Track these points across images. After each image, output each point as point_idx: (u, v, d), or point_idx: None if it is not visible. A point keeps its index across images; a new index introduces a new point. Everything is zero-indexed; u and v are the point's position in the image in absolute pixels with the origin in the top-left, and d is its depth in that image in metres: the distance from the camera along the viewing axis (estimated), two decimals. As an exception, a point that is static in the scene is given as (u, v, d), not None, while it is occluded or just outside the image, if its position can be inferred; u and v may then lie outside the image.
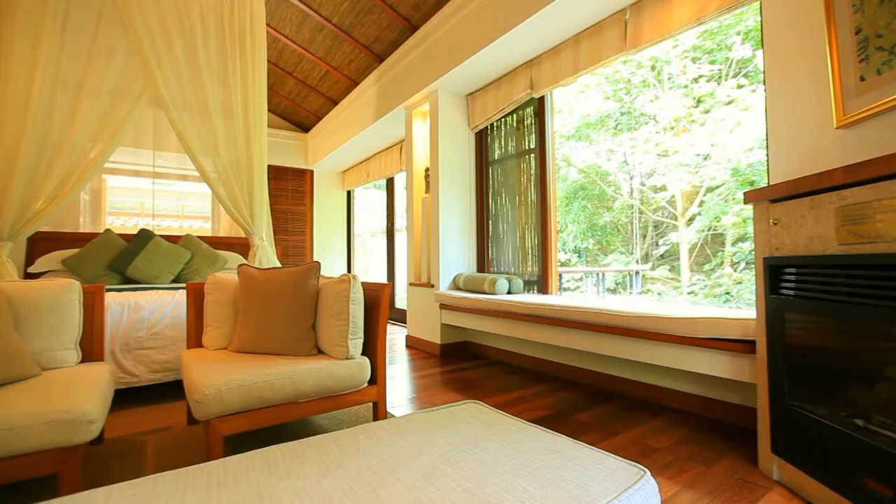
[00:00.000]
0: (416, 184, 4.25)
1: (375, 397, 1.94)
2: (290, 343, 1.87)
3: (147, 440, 1.96)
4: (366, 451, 1.03)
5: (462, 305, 3.50)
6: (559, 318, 2.67)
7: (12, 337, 1.58)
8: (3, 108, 2.64)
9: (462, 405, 1.37)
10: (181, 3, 3.18)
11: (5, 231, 2.68)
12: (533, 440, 1.12)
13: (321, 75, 5.17)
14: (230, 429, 1.57)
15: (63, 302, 1.84)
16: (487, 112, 3.80)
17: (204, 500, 0.83)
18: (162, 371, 2.57)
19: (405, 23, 3.87)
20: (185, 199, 6.70)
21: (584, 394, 2.67)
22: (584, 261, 7.12)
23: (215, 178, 3.41)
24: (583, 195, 7.08)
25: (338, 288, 1.85)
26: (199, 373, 1.61)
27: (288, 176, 6.47)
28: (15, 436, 1.23)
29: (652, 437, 1.99)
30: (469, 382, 2.95)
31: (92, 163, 3.01)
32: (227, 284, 2.13)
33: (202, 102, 3.31)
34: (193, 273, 3.81)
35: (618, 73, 6.07)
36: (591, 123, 6.64)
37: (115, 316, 2.50)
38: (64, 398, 1.35)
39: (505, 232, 3.91)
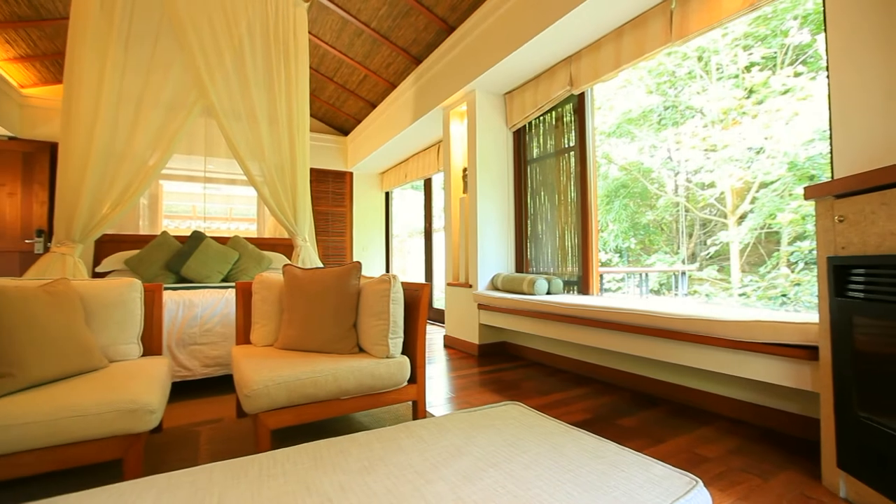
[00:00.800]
0: (453, 184, 4.26)
1: (415, 396, 1.96)
2: (333, 341, 1.93)
3: (200, 431, 2.07)
4: (407, 450, 1.04)
5: (500, 306, 3.48)
6: (601, 320, 2.60)
7: (84, 332, 1.71)
8: (75, 123, 2.87)
9: (502, 406, 1.36)
10: (230, 17, 3.34)
11: (77, 234, 2.91)
12: (575, 444, 1.09)
13: (360, 79, 5.28)
14: (277, 422, 1.63)
15: (127, 300, 1.97)
16: (525, 110, 3.76)
17: (255, 490, 0.87)
18: (214, 366, 2.70)
19: (442, 24, 3.89)
20: (232, 203, 7.03)
21: (626, 398, 2.59)
22: (626, 261, 6.90)
23: (261, 181, 3.56)
24: (624, 193, 6.86)
25: (378, 288, 1.88)
26: (248, 368, 1.68)
27: (328, 178, 6.66)
28: (86, 422, 1.33)
29: (701, 445, 1.90)
30: (507, 384, 2.92)
31: (151, 170, 3.21)
32: (273, 284, 2.21)
33: (249, 110, 3.46)
34: (241, 273, 3.99)
35: (661, 65, 5.84)
36: (632, 119, 6.42)
37: (171, 313, 2.65)
38: (129, 389, 1.45)
39: (544, 231, 3.85)
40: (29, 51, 4.46)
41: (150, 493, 0.84)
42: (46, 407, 1.31)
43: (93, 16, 2.90)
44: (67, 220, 2.88)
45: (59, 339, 1.57)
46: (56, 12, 4.01)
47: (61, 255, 2.87)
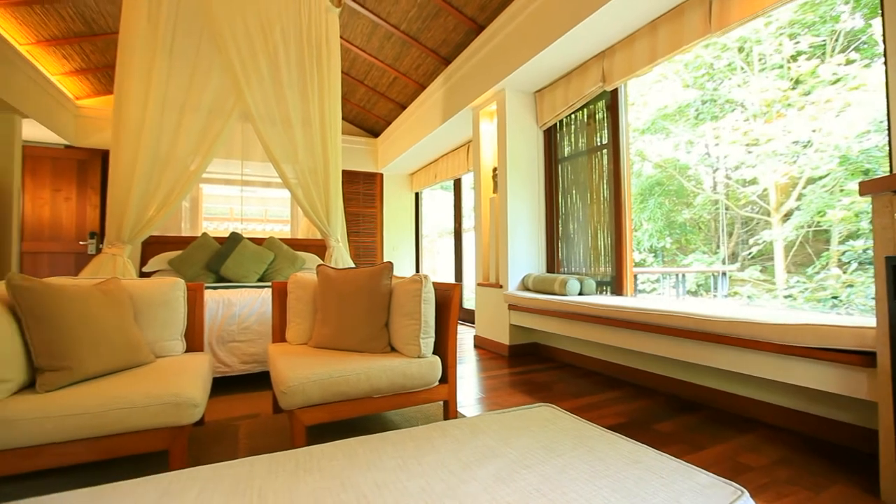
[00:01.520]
0: (483, 184, 4.25)
1: (446, 396, 1.96)
2: (365, 340, 1.95)
3: (239, 425, 2.14)
4: (440, 449, 1.04)
5: (531, 306, 3.44)
6: (636, 322, 2.52)
7: (133, 329, 1.81)
8: (124, 130, 3.03)
9: (535, 408, 1.35)
10: (265, 24, 3.45)
11: (126, 235, 3.07)
12: (612, 448, 1.07)
13: (390, 81, 5.34)
14: (312, 419, 1.67)
15: (171, 298, 2.07)
16: (556, 108, 3.70)
17: (293, 484, 0.89)
18: (251, 362, 2.79)
19: (471, 24, 3.88)
20: (267, 205, 7.26)
21: (662, 402, 2.51)
22: (661, 261, 6.68)
23: (295, 183, 3.65)
24: (659, 191, 6.64)
25: (410, 288, 1.90)
26: (284, 366, 1.73)
27: (359, 180, 6.77)
28: (135, 414, 1.40)
29: (744, 453, 1.82)
30: (538, 385, 2.89)
31: (192, 174, 3.36)
32: (307, 284, 2.27)
33: (284, 114, 3.56)
34: (276, 273, 4.11)
35: (699, 58, 5.62)
36: (668, 114, 6.21)
37: (211, 311, 2.76)
38: (174, 384, 1.52)
39: (576, 231, 3.78)
40: (83, 64, 4.75)
41: (196, 484, 0.88)
42: (99, 399, 1.39)
43: (140, 29, 3.06)
44: (117, 222, 3.05)
45: (111, 336, 1.66)
46: (107, 27, 4.25)
47: (112, 255, 3.04)
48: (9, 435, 1.26)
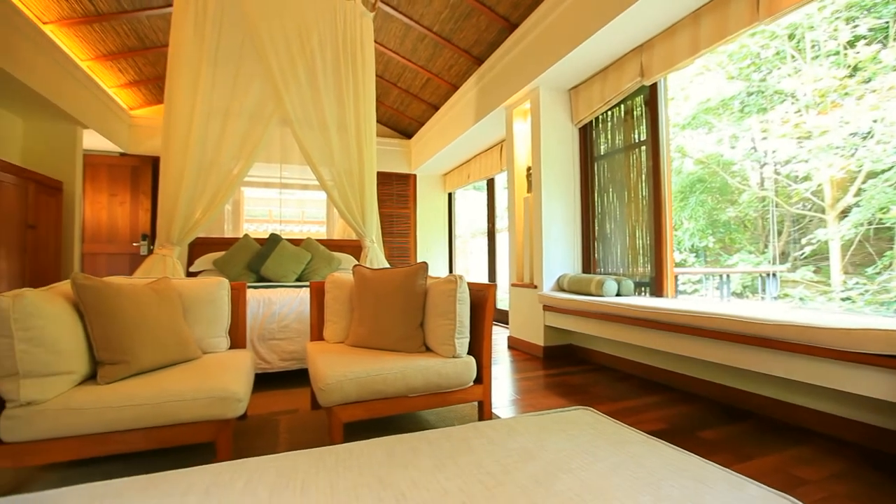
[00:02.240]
0: (517, 183, 4.21)
1: (481, 396, 1.96)
2: (401, 340, 1.98)
3: (279, 420, 2.21)
4: (477, 450, 1.04)
5: (567, 307, 3.38)
6: (678, 324, 2.43)
7: (183, 325, 1.90)
8: (173, 137, 3.20)
9: (573, 411, 1.32)
10: (303, 32, 3.55)
11: (174, 237, 3.24)
12: (655, 454, 1.03)
13: (423, 83, 5.38)
14: (349, 416, 1.71)
15: (217, 297, 2.16)
16: (592, 105, 3.62)
17: (333, 479, 0.91)
18: (290, 360, 2.88)
19: (504, 22, 3.86)
20: (304, 206, 7.47)
21: (706, 408, 2.40)
22: (704, 261, 6.40)
23: (331, 185, 3.74)
24: (701, 188, 6.37)
25: (445, 288, 1.90)
26: (322, 364, 1.77)
27: (393, 181, 6.85)
28: (184, 407, 1.47)
29: (797, 466, 1.72)
30: (574, 388, 2.83)
31: (235, 178, 3.50)
32: (343, 283, 2.32)
33: (320, 118, 3.66)
34: (313, 273, 4.22)
35: (744, 47, 5.35)
36: (710, 108, 5.94)
37: (252, 310, 2.86)
38: (220, 379, 1.59)
39: (613, 231, 3.68)
40: (136, 77, 5.05)
41: (242, 475, 0.92)
42: (153, 391, 1.47)
43: (187, 40, 3.21)
44: (167, 225, 3.22)
45: (162, 332, 1.75)
46: (157, 41, 4.50)
47: (162, 256, 3.21)
48: (76, 422, 1.35)
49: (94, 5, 3.79)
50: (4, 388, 1.32)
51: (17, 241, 3.73)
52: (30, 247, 3.92)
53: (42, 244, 4.12)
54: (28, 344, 1.33)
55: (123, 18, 4.04)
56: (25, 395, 1.32)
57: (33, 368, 1.33)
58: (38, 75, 3.76)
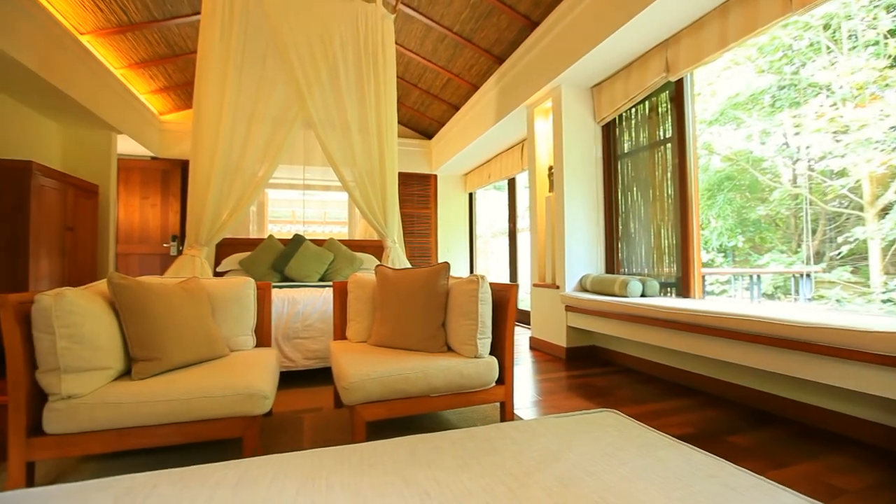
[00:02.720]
0: (539, 183, 4.17)
1: (503, 397, 1.95)
2: (423, 340, 1.98)
3: (304, 418, 2.25)
4: (500, 451, 1.03)
5: (590, 308, 3.33)
6: (706, 326, 2.37)
7: (211, 324, 1.96)
8: (201, 141, 3.29)
9: (598, 413, 1.30)
10: (325, 35, 3.60)
11: (203, 238, 3.33)
12: (683, 459, 1.01)
13: (443, 83, 5.39)
14: (371, 415, 1.72)
15: (243, 296, 2.21)
16: (615, 103, 3.56)
17: (358, 477, 0.92)
18: (314, 358, 2.93)
19: (525, 21, 3.83)
20: (326, 207, 7.59)
21: (736, 413, 2.33)
22: (732, 261, 6.21)
23: (353, 186, 3.79)
24: (729, 186, 6.18)
25: (467, 288, 1.90)
26: (346, 363, 1.80)
27: (413, 181, 6.89)
28: (214, 403, 1.51)
29: (833, 474, 1.65)
30: (598, 389, 2.79)
31: (260, 180, 3.58)
32: (366, 283, 2.34)
33: (342, 119, 3.71)
34: (335, 273, 4.27)
35: (776, 39, 5.16)
36: (739, 103, 5.76)
37: (277, 309, 2.92)
38: (247, 376, 1.63)
39: (637, 230, 3.61)
40: (166, 83, 5.22)
41: (269, 471, 0.94)
42: (183, 387, 1.51)
43: (214, 47, 3.30)
44: (196, 226, 3.32)
45: (192, 330, 1.81)
46: (186, 48, 4.64)
47: (191, 256, 3.30)
48: (113, 416, 1.41)
49: (127, 15, 3.94)
50: (47, 381, 1.38)
51: (57, 242, 3.91)
52: (69, 248, 4.10)
53: (80, 245, 4.31)
54: (68, 340, 1.39)
55: (154, 27, 4.19)
56: (66, 388, 1.38)
57: (73, 364, 1.39)
58: (77, 84, 3.93)
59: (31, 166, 3.53)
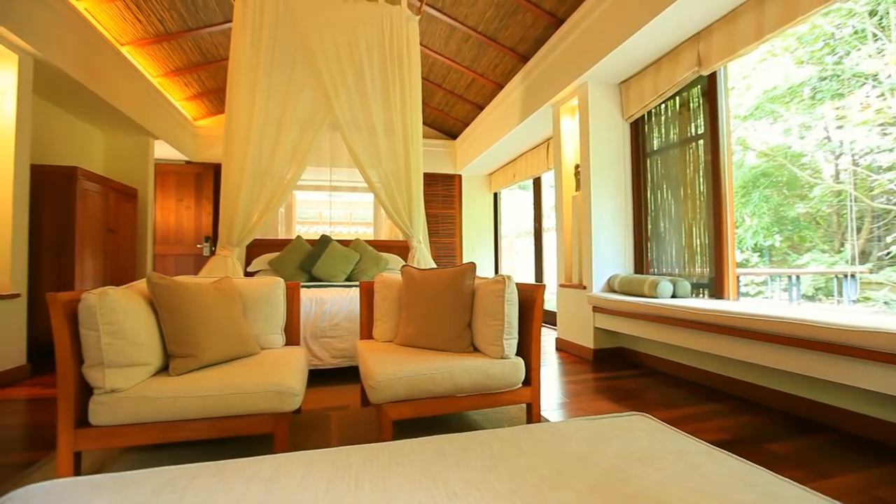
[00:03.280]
0: (565, 182, 4.11)
1: (529, 398, 1.93)
2: (449, 340, 1.99)
3: (331, 415, 2.29)
4: (529, 453, 1.02)
5: (618, 309, 3.26)
6: (742, 328, 2.28)
7: (243, 322, 2.01)
8: (233, 145, 3.40)
9: (628, 417, 1.27)
10: (351, 39, 3.65)
11: (234, 239, 3.44)
12: (719, 466, 0.97)
13: (468, 83, 5.39)
14: (398, 414, 1.74)
15: (273, 295, 2.27)
16: (644, 99, 3.47)
17: (386, 475, 0.93)
18: (340, 357, 2.97)
19: (550, 18, 3.78)
20: (352, 208, 7.70)
21: (774, 419, 2.23)
22: (768, 261, 5.96)
23: (379, 187, 3.83)
24: (765, 183, 5.92)
25: (493, 288, 1.89)
26: (372, 362, 1.81)
27: (438, 182, 6.91)
28: (245, 399, 1.56)
29: (883, 486, 1.56)
30: (626, 392, 2.73)
31: (288, 182, 3.66)
32: (392, 283, 2.36)
33: (368, 121, 3.76)
34: (361, 273, 4.33)
35: (817, 28, 4.93)
36: (776, 97, 5.52)
37: (305, 308, 2.98)
38: (277, 374, 1.66)
39: (667, 229, 3.52)
40: (199, 89, 5.41)
41: (301, 467, 0.95)
42: (217, 384, 1.56)
43: (245, 53, 3.40)
44: (228, 227, 3.42)
45: (225, 328, 1.86)
46: (218, 55, 4.80)
47: (224, 257, 3.41)
48: (152, 410, 1.47)
49: (163, 25, 4.11)
50: (92, 376, 1.45)
51: (100, 243, 4.11)
52: (110, 249, 4.30)
53: (120, 247, 4.51)
54: (112, 337, 1.46)
55: (188, 36, 4.34)
56: (110, 383, 1.44)
57: (116, 359, 1.46)
58: (118, 93, 4.12)
59: (77, 172, 3.72)
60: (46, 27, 3.17)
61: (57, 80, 3.48)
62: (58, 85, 3.58)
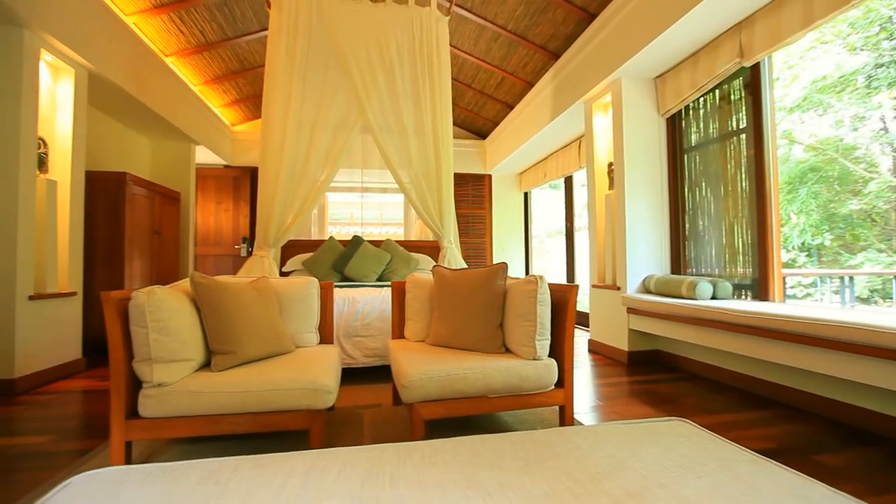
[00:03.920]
0: (598, 180, 4.03)
1: (562, 401, 1.90)
2: (480, 340, 1.98)
3: (364, 414, 2.32)
4: (563, 456, 1.01)
5: (654, 310, 3.16)
6: (789, 332, 2.17)
7: (280, 321, 2.08)
8: (269, 148, 3.51)
9: (667, 422, 1.23)
10: (382, 42, 3.70)
11: (271, 240, 3.55)
12: (766, 476, 0.93)
13: (497, 82, 5.36)
14: (430, 413, 1.74)
15: (308, 295, 2.32)
16: (681, 93, 3.35)
17: (420, 473, 0.93)
18: (372, 356, 3.02)
19: (582, 13, 3.71)
20: (383, 209, 7.78)
21: (824, 429, 2.11)
22: (817, 261, 5.64)
23: (410, 188, 3.86)
24: (813, 178, 5.61)
25: (525, 288, 1.87)
26: (405, 362, 1.83)
27: (468, 182, 6.90)
28: (283, 395, 1.60)
29: (952, 503, 1.44)
30: (663, 397, 2.64)
31: (321, 184, 3.75)
32: (423, 283, 2.37)
33: (399, 123, 3.80)
34: (392, 273, 4.37)
35: (872, 12, 4.62)
36: (826, 87, 5.21)
37: (338, 308, 3.03)
38: (312, 371, 1.70)
39: (706, 228, 3.38)
40: (237, 96, 5.61)
41: (336, 463, 0.98)
42: (256, 380, 1.62)
43: (280, 60, 3.51)
44: (264, 229, 3.53)
45: (263, 326, 1.93)
46: (255, 62, 4.97)
47: (260, 257, 3.53)
48: (196, 404, 1.54)
49: (204, 36, 4.29)
50: (141, 370, 1.53)
51: (146, 245, 4.33)
52: (156, 250, 4.52)
53: (165, 248, 4.74)
54: (159, 333, 1.53)
55: (227, 45, 4.52)
56: (157, 377, 1.52)
57: (163, 355, 1.53)
58: (163, 102, 4.33)
59: (126, 177, 3.93)
60: (99, 42, 3.37)
61: (108, 91, 3.69)
62: (109, 95, 3.80)
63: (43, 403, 2.56)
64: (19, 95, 2.78)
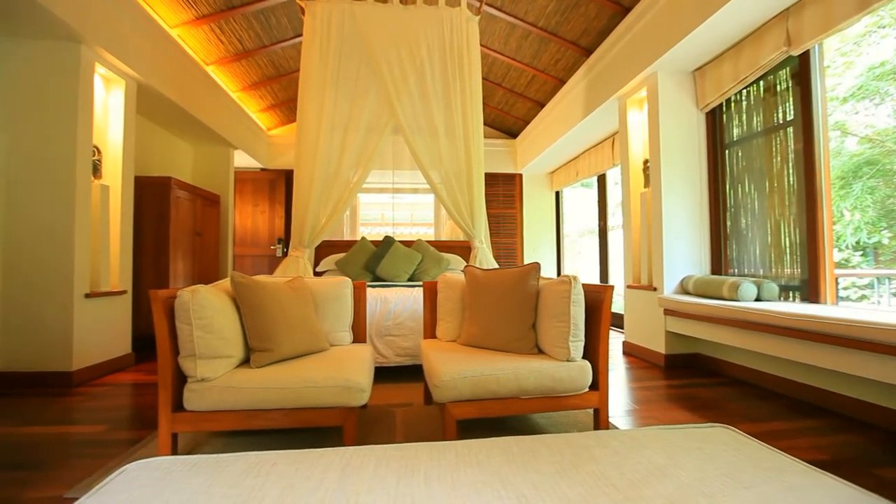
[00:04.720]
0: (632, 178, 3.91)
1: (597, 404, 1.86)
2: (513, 341, 1.96)
3: (396, 412, 2.34)
4: (600, 460, 0.98)
5: (693, 312, 3.04)
6: (843, 336, 2.04)
7: (315, 320, 2.13)
8: (303, 151, 3.60)
9: (709, 428, 1.18)
10: (413, 44, 3.73)
11: (305, 240, 3.64)
12: (820, 489, 0.88)
13: (528, 81, 5.30)
14: (461, 413, 1.74)
15: (342, 294, 2.37)
16: (722, 86, 3.21)
17: (454, 473, 0.93)
18: (404, 355, 3.04)
19: (615, 7, 3.62)
20: (414, 209, 7.85)
21: (881, 440, 1.97)
22: (874, 261, 5.28)
23: (441, 188, 3.87)
24: (870, 172, 5.25)
25: (559, 289, 1.85)
26: (437, 362, 1.84)
27: (499, 181, 6.86)
28: (318, 393, 1.64)
29: None
30: (703, 402, 2.54)
31: (354, 186, 3.82)
32: (455, 283, 2.38)
33: (430, 124, 3.81)
34: (423, 273, 4.40)
35: (935, -5, 4.28)
36: (885, 73, 4.87)
37: (371, 307, 3.08)
38: (346, 369, 1.74)
39: (749, 226, 3.23)
40: (273, 101, 5.79)
41: (371, 460, 0.99)
42: (292, 377, 1.66)
43: (314, 64, 3.59)
44: (299, 230, 3.63)
45: (299, 325, 1.98)
46: (290, 68, 5.11)
47: (296, 258, 3.62)
48: (236, 399, 1.60)
49: (242, 44, 4.45)
50: (186, 365, 1.60)
51: (189, 246, 4.54)
52: (197, 251, 4.72)
53: (206, 249, 4.95)
54: (203, 331, 1.60)
55: (263, 52, 4.67)
56: (201, 372, 1.59)
57: (206, 351, 1.60)
58: (204, 109, 4.53)
59: (170, 181, 4.13)
60: (147, 54, 3.55)
61: (155, 100, 3.89)
62: (155, 104, 4.00)
63: (97, 395, 2.72)
64: (76, 107, 2.97)
